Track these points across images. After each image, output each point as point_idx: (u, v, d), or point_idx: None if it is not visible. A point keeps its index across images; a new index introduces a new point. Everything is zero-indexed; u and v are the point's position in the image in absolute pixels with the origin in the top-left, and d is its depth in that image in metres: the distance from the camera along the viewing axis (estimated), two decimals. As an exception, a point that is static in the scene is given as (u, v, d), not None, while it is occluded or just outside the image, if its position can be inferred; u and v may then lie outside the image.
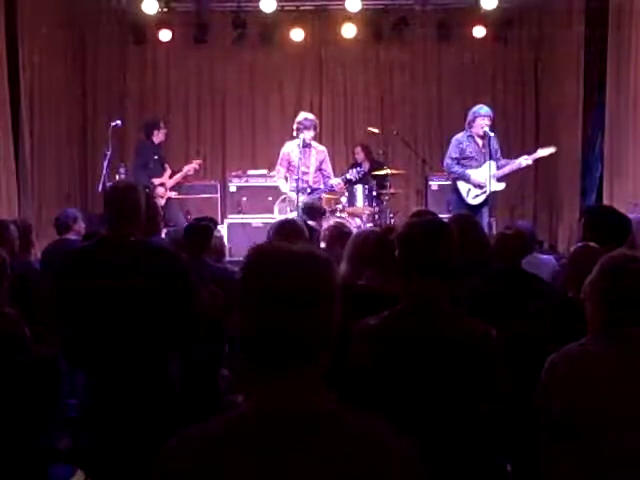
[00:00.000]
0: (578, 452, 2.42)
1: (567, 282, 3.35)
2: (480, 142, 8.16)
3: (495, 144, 8.19)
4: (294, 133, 8.39)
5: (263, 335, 1.47)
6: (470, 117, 8.19)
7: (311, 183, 8.30)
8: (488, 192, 7.98)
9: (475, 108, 8.24)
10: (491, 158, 7.99)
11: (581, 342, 2.53)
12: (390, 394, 2.47)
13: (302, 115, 8.49)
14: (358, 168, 8.80)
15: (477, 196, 8.12)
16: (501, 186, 8.13)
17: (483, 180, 8.01)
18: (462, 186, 8.18)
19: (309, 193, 8.26)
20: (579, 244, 3.43)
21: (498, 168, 8.10)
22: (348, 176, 8.52)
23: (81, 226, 6.37)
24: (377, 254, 3.47)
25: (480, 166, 8.11)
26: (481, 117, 8.08)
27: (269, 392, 1.48)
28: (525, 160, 8.16)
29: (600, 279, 2.49)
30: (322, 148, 8.58)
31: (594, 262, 2.56)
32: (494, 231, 7.69)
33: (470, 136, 8.18)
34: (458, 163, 8.17)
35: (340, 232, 5.05)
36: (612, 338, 2.46)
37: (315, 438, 1.44)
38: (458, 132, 8.39)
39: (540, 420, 2.51)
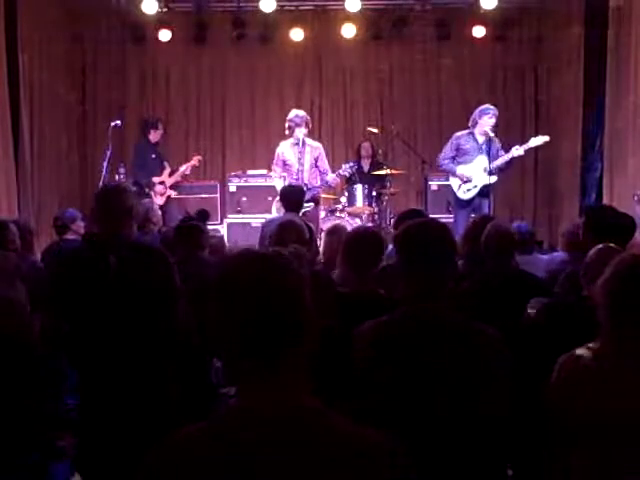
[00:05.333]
0: (585, 454, 2.40)
1: (584, 281, 3.25)
2: (481, 140, 8.16)
3: (497, 145, 8.20)
4: (286, 132, 8.37)
5: (243, 335, 1.49)
6: (476, 114, 8.22)
7: (307, 180, 8.16)
8: (479, 186, 8.07)
9: (483, 106, 8.30)
10: (489, 156, 7.98)
11: (591, 345, 2.49)
12: (391, 400, 2.39)
13: (293, 112, 8.43)
14: (351, 163, 8.62)
15: (468, 190, 8.19)
16: (493, 179, 8.03)
17: (469, 174, 8.10)
18: (453, 182, 8.33)
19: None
20: (600, 245, 3.33)
21: (491, 162, 8.06)
22: (341, 172, 8.41)
23: (79, 226, 6.36)
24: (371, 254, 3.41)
25: (472, 161, 8.16)
26: (489, 115, 8.11)
27: (251, 392, 1.49)
28: (516, 150, 8.10)
29: (611, 282, 2.46)
30: (317, 144, 8.51)
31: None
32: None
33: (471, 133, 8.23)
34: (452, 159, 8.24)
35: (339, 235, 5.09)
36: (623, 341, 2.43)
37: (302, 438, 1.44)
38: (458, 131, 8.41)
39: (547, 422, 2.48)
